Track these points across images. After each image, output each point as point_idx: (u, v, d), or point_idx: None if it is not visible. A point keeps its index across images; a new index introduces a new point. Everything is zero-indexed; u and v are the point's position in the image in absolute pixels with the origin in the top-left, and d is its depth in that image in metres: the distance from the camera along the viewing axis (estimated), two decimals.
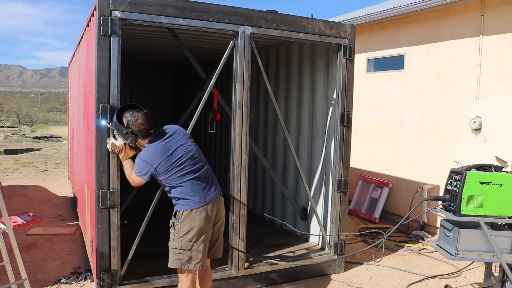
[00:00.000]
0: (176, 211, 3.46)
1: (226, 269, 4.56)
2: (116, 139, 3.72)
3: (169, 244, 3.49)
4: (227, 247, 4.42)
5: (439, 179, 6.87)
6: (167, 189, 3.52)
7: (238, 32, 4.35)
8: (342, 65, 4.95)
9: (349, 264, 5.42)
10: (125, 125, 3.52)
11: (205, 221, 3.42)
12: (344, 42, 4.92)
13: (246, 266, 4.61)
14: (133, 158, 3.60)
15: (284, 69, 6.53)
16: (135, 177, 3.49)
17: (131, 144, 3.63)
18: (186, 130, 3.77)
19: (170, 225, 3.49)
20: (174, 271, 3.63)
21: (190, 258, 3.41)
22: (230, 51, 4.45)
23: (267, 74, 5.24)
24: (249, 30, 4.39)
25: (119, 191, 3.98)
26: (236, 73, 4.41)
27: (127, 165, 3.59)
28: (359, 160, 8.48)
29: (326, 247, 5.30)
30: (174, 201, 3.50)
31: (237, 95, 4.42)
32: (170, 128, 3.58)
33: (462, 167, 3.71)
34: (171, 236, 3.48)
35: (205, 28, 4.20)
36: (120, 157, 3.68)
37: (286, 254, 5.23)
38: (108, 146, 3.84)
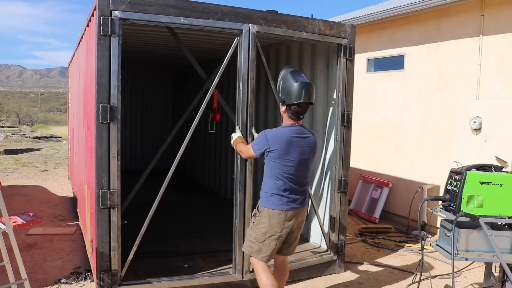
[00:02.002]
0: (259, 205, 3.58)
1: (230, 272, 4.48)
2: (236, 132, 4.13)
3: (246, 231, 3.67)
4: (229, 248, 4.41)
5: (439, 179, 6.87)
6: (265, 175, 3.57)
7: (241, 30, 4.30)
8: (342, 65, 4.95)
9: (349, 264, 5.42)
10: (287, 93, 3.47)
11: (281, 224, 3.50)
12: (344, 42, 4.92)
13: (251, 270, 4.43)
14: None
15: None
16: (249, 149, 3.67)
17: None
18: (188, 130, 3.77)
19: (252, 214, 3.68)
20: (174, 272, 3.64)
21: (260, 249, 3.54)
22: (234, 50, 4.39)
23: None
24: (255, 28, 4.33)
25: (119, 191, 3.97)
26: (240, 72, 4.36)
27: (241, 144, 3.91)
28: (359, 160, 8.49)
29: (326, 247, 5.30)
30: (261, 193, 3.59)
31: (241, 95, 4.38)
32: (309, 133, 3.62)
33: (462, 167, 3.71)
34: (250, 225, 3.68)
35: (207, 26, 4.18)
36: (235, 145, 4.00)
37: None
38: (232, 141, 4.12)
